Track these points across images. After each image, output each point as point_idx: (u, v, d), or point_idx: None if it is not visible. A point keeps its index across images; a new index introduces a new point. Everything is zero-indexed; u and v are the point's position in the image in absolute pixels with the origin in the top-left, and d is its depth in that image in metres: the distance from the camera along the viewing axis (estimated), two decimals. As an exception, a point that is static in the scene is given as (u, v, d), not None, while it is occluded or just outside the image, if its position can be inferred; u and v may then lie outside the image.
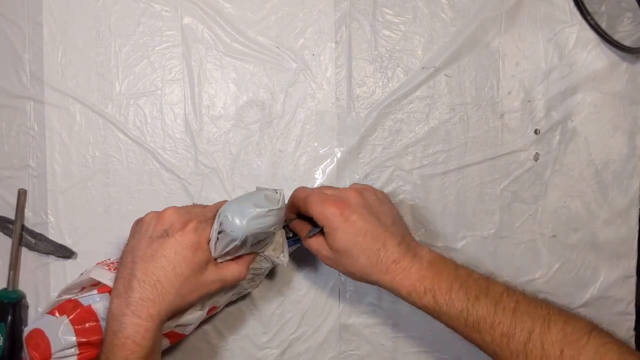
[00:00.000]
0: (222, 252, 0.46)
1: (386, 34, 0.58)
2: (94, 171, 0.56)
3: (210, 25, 0.57)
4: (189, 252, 0.44)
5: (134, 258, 0.44)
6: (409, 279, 0.45)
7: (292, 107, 0.58)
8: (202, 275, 0.45)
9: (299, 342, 0.58)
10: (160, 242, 0.44)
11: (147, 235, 0.45)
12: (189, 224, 0.45)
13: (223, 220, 0.45)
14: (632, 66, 0.60)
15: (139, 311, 0.42)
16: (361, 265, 0.46)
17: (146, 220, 0.47)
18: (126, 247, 0.47)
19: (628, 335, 0.61)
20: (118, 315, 0.42)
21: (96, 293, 0.48)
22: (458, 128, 0.59)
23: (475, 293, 0.44)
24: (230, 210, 0.45)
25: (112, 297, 0.44)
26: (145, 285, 0.43)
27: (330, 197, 0.47)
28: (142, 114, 0.57)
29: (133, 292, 0.43)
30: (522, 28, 0.59)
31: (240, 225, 0.44)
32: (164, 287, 0.43)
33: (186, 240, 0.44)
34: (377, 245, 0.46)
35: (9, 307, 0.54)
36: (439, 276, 0.45)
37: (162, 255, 0.44)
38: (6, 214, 0.56)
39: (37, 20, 0.56)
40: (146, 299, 0.42)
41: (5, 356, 0.53)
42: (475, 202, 0.59)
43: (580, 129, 0.60)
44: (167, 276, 0.43)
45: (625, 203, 0.60)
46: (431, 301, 0.44)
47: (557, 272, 0.60)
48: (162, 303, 0.43)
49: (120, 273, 0.45)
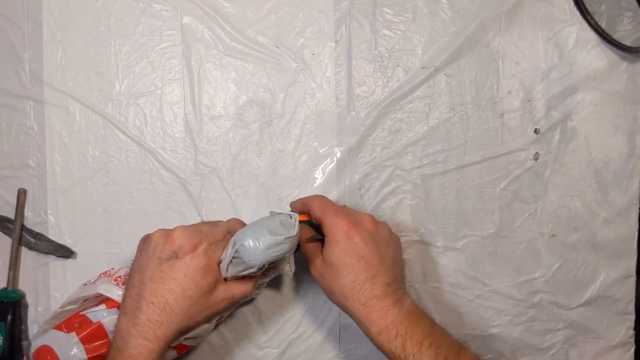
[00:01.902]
0: (234, 275, 0.46)
1: (386, 33, 0.58)
2: (94, 171, 0.56)
3: (210, 25, 0.57)
4: (198, 274, 0.44)
5: (142, 278, 0.44)
6: (384, 320, 0.44)
7: (291, 107, 0.58)
8: (211, 295, 0.45)
9: (298, 341, 0.58)
10: (169, 264, 0.44)
11: (155, 256, 0.45)
12: (199, 246, 0.45)
13: (240, 249, 0.44)
14: (632, 66, 0.60)
15: (145, 332, 0.42)
16: (344, 286, 0.45)
17: (154, 240, 0.46)
18: (134, 265, 0.46)
19: (628, 335, 0.61)
20: (124, 333, 0.42)
21: (104, 309, 0.48)
22: (458, 127, 0.59)
23: (445, 354, 0.43)
24: (247, 239, 0.44)
25: (120, 315, 0.44)
26: (153, 307, 0.42)
27: (345, 213, 0.47)
28: (142, 113, 0.57)
29: (141, 313, 0.42)
30: (522, 27, 0.59)
31: (257, 255, 0.44)
32: (173, 310, 0.43)
33: (196, 263, 0.44)
34: (367, 274, 0.45)
35: (8, 306, 0.54)
36: (414, 326, 0.44)
37: (171, 278, 0.43)
38: (6, 213, 0.56)
39: (37, 19, 0.56)
40: (154, 320, 0.42)
41: (5, 356, 0.53)
42: (475, 202, 0.59)
43: (580, 128, 0.60)
44: (176, 299, 0.43)
45: (625, 202, 0.60)
46: (399, 348, 0.43)
47: (557, 272, 0.60)
48: (170, 325, 0.43)
49: (128, 291, 0.45)
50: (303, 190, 0.58)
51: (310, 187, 0.58)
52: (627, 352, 0.61)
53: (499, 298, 0.60)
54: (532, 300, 0.60)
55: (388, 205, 0.59)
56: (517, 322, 0.60)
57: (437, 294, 0.59)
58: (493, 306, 0.60)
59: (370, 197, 0.58)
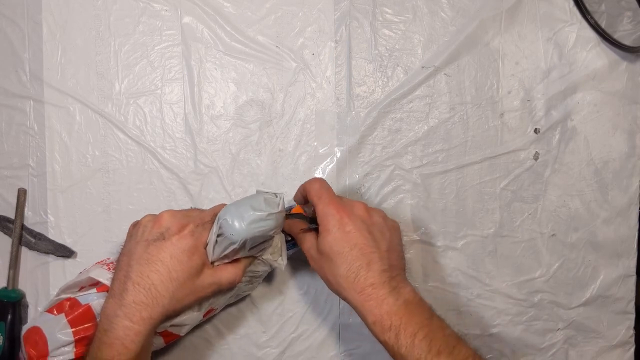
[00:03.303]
0: (220, 255, 0.46)
1: (386, 33, 0.58)
2: (94, 170, 0.56)
3: (209, 25, 0.57)
4: (185, 256, 0.44)
5: (129, 261, 0.44)
6: (378, 309, 0.43)
7: (291, 107, 0.58)
8: (198, 278, 0.45)
9: (299, 341, 0.58)
10: (156, 246, 0.44)
11: (143, 239, 0.45)
12: (186, 227, 0.45)
13: (222, 224, 0.44)
14: (631, 65, 0.60)
15: (131, 314, 0.42)
16: (338, 275, 0.45)
17: (143, 223, 0.46)
18: (123, 250, 0.47)
19: (628, 334, 0.61)
20: (110, 315, 0.42)
21: (95, 292, 0.48)
22: (458, 127, 0.59)
23: (439, 348, 0.42)
24: (230, 214, 0.44)
25: (107, 297, 0.44)
26: (139, 289, 0.43)
27: (337, 201, 0.47)
28: (142, 113, 0.57)
29: (127, 294, 0.42)
30: (522, 27, 0.59)
31: (239, 229, 0.44)
32: (159, 291, 0.43)
33: (183, 243, 0.44)
34: (361, 262, 0.44)
35: (8, 306, 0.53)
36: (409, 317, 0.43)
37: (157, 259, 0.43)
38: (6, 213, 0.56)
39: (37, 19, 0.55)
40: (140, 302, 0.42)
41: (5, 355, 0.53)
42: (475, 201, 0.59)
43: (580, 128, 0.60)
44: (162, 280, 0.43)
45: (625, 202, 0.60)
46: (392, 339, 0.42)
47: (557, 271, 0.60)
48: (156, 307, 0.43)
49: (116, 275, 0.45)
50: (303, 190, 0.58)
51: (310, 187, 0.58)
52: (627, 351, 0.61)
53: (499, 297, 0.60)
54: (532, 300, 0.60)
55: (388, 205, 0.59)
56: (517, 321, 0.60)
57: (437, 294, 0.59)
58: (493, 306, 0.60)
59: (370, 196, 0.58)
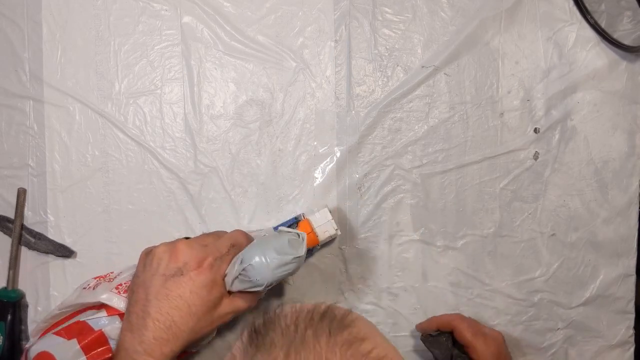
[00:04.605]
0: (239, 290, 0.46)
1: (386, 32, 0.58)
2: (94, 170, 0.56)
3: (209, 24, 0.57)
4: (204, 291, 0.44)
5: (147, 295, 0.43)
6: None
7: (291, 106, 0.58)
8: (216, 310, 0.45)
9: (298, 341, 0.58)
10: (174, 281, 0.43)
11: (159, 273, 0.44)
12: (205, 261, 0.45)
13: (247, 269, 0.44)
14: (631, 65, 0.60)
15: (151, 350, 0.42)
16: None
17: (157, 255, 0.45)
18: (137, 280, 0.46)
19: (627, 334, 0.61)
20: (131, 351, 0.42)
21: (105, 316, 0.47)
22: (458, 127, 0.59)
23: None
24: (254, 257, 0.44)
25: (124, 330, 0.44)
26: (159, 325, 0.42)
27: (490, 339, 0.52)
28: (142, 113, 0.57)
29: (147, 330, 0.42)
30: (522, 27, 0.59)
31: (265, 275, 0.44)
32: (179, 327, 0.43)
33: (202, 279, 0.44)
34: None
35: (8, 306, 0.54)
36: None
37: (177, 295, 0.43)
38: (6, 213, 0.56)
39: (37, 19, 0.55)
40: (160, 338, 0.42)
41: (5, 355, 0.53)
42: (474, 201, 0.59)
43: (580, 127, 0.60)
44: (182, 316, 0.43)
45: (625, 202, 0.60)
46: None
47: (556, 271, 0.60)
48: (176, 341, 0.43)
49: (133, 307, 0.44)
50: (303, 190, 0.58)
51: (310, 187, 0.58)
52: (626, 351, 0.61)
53: (499, 297, 0.60)
54: (532, 300, 0.60)
55: (388, 205, 0.59)
56: (517, 321, 0.60)
57: (437, 294, 0.59)
58: (493, 305, 0.60)
59: (370, 196, 0.58)
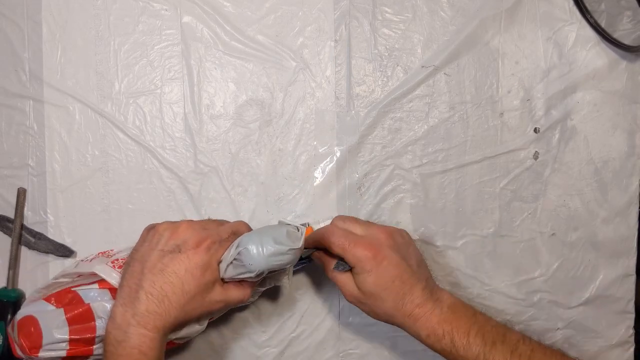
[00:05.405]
0: (232, 277, 0.46)
1: (386, 32, 0.58)
2: (93, 170, 0.56)
3: (209, 24, 0.57)
4: (198, 271, 0.44)
5: (142, 269, 0.44)
6: (429, 323, 0.46)
7: (291, 106, 0.58)
8: (208, 294, 0.45)
9: (298, 341, 0.58)
10: (171, 257, 0.44)
11: (158, 248, 0.45)
12: (203, 242, 0.45)
13: (242, 252, 0.44)
14: (631, 65, 0.60)
15: (145, 322, 0.42)
16: (387, 307, 0.47)
17: (159, 231, 0.46)
18: (135, 254, 0.46)
19: (627, 334, 0.61)
20: (122, 324, 0.42)
21: (97, 288, 0.48)
22: (457, 127, 0.59)
23: (492, 339, 0.45)
24: (251, 243, 0.44)
25: (116, 305, 0.44)
26: (152, 299, 0.43)
27: (363, 240, 0.48)
28: (142, 112, 0.57)
29: (140, 303, 0.43)
30: (522, 27, 0.59)
31: (259, 260, 0.44)
32: (171, 303, 0.43)
33: (198, 259, 0.44)
34: (404, 289, 0.47)
35: (8, 306, 0.53)
36: (458, 320, 0.46)
37: (172, 271, 0.44)
38: (6, 212, 0.56)
39: (36, 19, 0.55)
40: (152, 311, 0.42)
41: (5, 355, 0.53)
42: (474, 201, 0.59)
43: (580, 127, 0.60)
44: (175, 292, 0.43)
45: (624, 201, 0.60)
46: (449, 344, 0.45)
47: (556, 271, 0.60)
48: (168, 317, 0.43)
49: (127, 280, 0.45)
50: (303, 190, 0.58)
51: (310, 187, 0.58)
52: (626, 351, 0.61)
53: (498, 297, 0.60)
54: (532, 300, 0.60)
55: (388, 205, 0.59)
56: (516, 321, 0.60)
57: (436, 293, 0.59)
58: (493, 305, 0.60)
59: (370, 196, 0.58)
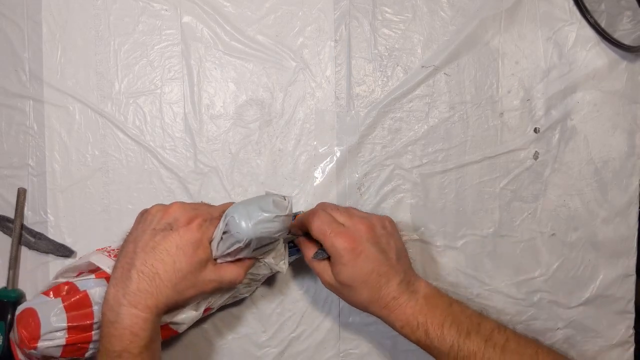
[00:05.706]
0: (224, 252, 0.46)
1: (386, 32, 0.58)
2: (94, 170, 0.56)
3: (209, 24, 0.57)
4: (190, 248, 0.45)
5: (135, 248, 0.45)
6: (404, 314, 0.47)
7: (291, 106, 0.58)
8: (200, 273, 0.46)
9: (298, 341, 0.58)
10: (163, 235, 0.45)
11: (150, 227, 0.46)
12: (194, 220, 0.46)
13: (229, 221, 0.45)
14: (631, 65, 0.60)
15: (135, 302, 0.42)
16: (363, 298, 0.48)
17: (152, 212, 0.47)
18: (129, 237, 0.47)
19: (627, 334, 0.61)
20: (114, 305, 0.42)
21: (93, 278, 0.48)
22: (457, 127, 0.59)
23: (467, 329, 0.45)
24: (237, 212, 0.45)
25: (109, 286, 0.44)
26: (143, 277, 0.43)
27: (343, 231, 0.48)
28: (142, 112, 0.57)
29: (131, 282, 0.43)
30: (522, 27, 0.59)
31: (246, 228, 0.44)
32: (162, 281, 0.43)
33: (189, 236, 0.45)
34: (381, 282, 0.47)
35: (8, 306, 0.53)
36: (433, 311, 0.46)
37: (163, 249, 0.44)
38: (6, 213, 0.56)
39: (36, 19, 0.55)
40: (143, 290, 0.43)
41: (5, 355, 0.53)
42: (474, 201, 0.59)
43: (580, 127, 0.60)
44: (166, 270, 0.43)
45: (624, 201, 0.60)
46: (423, 336, 0.46)
47: (556, 271, 0.60)
48: (159, 296, 0.43)
49: (120, 262, 0.45)
50: (303, 190, 0.58)
51: (310, 187, 0.58)
52: (626, 351, 0.61)
53: (498, 297, 0.60)
54: (532, 299, 0.60)
55: (388, 205, 0.59)
56: (516, 321, 0.60)
57: (436, 293, 0.59)
58: (493, 305, 0.60)
59: (370, 196, 0.58)
